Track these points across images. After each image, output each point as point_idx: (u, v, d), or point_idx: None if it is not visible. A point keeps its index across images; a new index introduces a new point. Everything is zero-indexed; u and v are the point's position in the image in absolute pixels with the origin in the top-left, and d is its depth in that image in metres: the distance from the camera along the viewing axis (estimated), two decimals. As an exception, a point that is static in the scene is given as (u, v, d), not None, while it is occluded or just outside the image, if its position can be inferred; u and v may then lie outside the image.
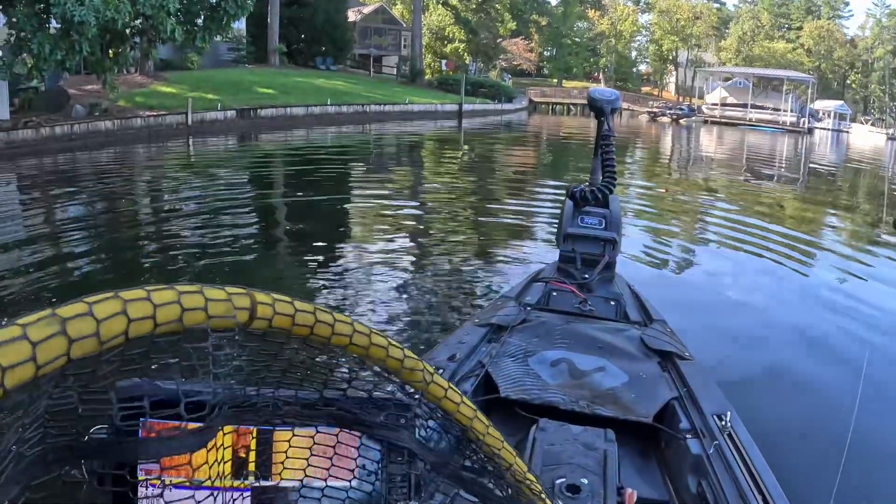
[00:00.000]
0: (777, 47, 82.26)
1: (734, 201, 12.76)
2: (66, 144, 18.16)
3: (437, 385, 0.73)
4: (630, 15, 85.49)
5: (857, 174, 22.81)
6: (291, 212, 10.19)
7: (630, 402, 2.03)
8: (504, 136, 29.89)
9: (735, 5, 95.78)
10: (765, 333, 5.21)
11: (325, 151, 19.75)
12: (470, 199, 11.39)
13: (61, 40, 14.71)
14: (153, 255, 7.44)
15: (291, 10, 42.27)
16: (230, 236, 8.29)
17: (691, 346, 2.70)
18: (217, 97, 26.05)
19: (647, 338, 2.53)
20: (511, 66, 77.95)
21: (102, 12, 14.05)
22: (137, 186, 13.12)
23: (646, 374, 2.23)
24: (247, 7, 18.24)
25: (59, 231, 8.63)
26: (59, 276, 6.61)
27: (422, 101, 39.14)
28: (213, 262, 7.04)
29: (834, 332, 5.29)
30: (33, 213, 10.08)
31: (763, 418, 3.45)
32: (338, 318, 0.63)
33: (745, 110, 56.29)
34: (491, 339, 2.47)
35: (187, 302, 0.52)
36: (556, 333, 2.48)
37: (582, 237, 3.49)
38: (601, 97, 3.71)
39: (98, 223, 9.47)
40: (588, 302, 2.88)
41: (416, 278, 6.13)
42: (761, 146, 33.41)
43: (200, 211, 9.69)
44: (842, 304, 6.13)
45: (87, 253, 7.56)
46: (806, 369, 4.59)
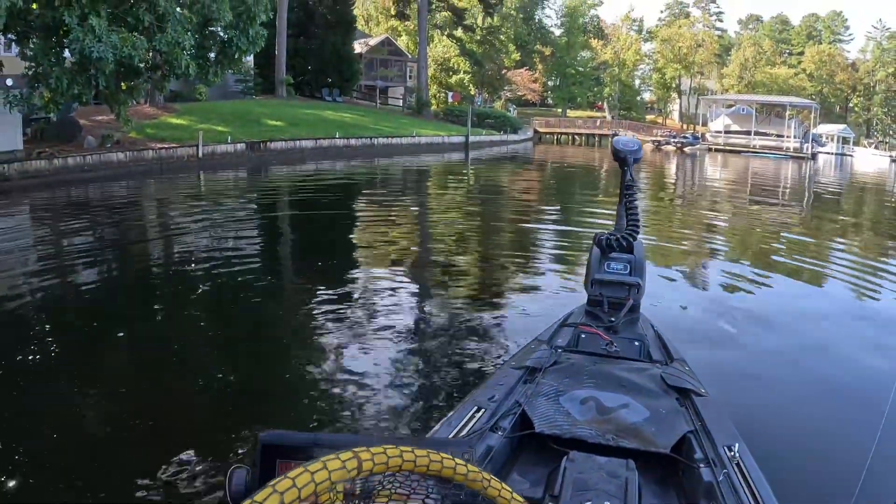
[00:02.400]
0: (779, 73, 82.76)
1: (744, 233, 12.87)
2: (78, 175, 18.43)
3: (493, 486, 1.05)
4: (633, 44, 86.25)
5: (865, 197, 22.93)
6: (310, 250, 10.29)
7: (650, 435, 2.21)
8: (513, 169, 30.00)
9: (736, 32, 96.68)
10: (781, 367, 5.28)
11: (337, 184, 19.90)
12: (484, 236, 11.51)
13: (78, 75, 15.05)
14: (164, 286, 7.56)
15: (298, 42, 42.91)
16: (242, 268, 8.44)
17: (707, 381, 2.87)
18: (226, 129, 26.37)
19: (666, 376, 2.71)
20: (515, 97, 78.52)
21: (120, 48, 14.39)
22: (151, 218, 13.30)
23: (665, 409, 2.40)
24: (258, 43, 18.55)
25: (71, 260, 8.80)
26: (74, 300, 6.77)
27: (429, 133, 39.32)
28: (224, 291, 7.17)
29: (853, 366, 5.34)
30: (49, 243, 10.23)
31: (776, 449, 3.57)
32: (432, 458, 0.98)
33: (749, 137, 56.52)
34: (526, 380, 2.68)
35: (379, 460, 0.90)
36: (584, 374, 2.68)
37: (608, 282, 3.71)
38: (624, 147, 3.95)
39: (114, 253, 9.65)
40: (614, 343, 3.07)
41: (451, 321, 6.20)
42: (766, 174, 33.54)
43: (212, 246, 9.81)
44: (862, 335, 6.18)
45: (103, 281, 7.72)
46: (823, 402, 4.66)
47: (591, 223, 12.72)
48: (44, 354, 5.07)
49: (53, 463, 3.55)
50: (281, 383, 4.70)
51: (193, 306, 6.73)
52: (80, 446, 3.77)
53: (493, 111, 56.74)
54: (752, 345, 5.70)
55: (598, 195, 18.91)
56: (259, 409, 4.32)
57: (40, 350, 5.14)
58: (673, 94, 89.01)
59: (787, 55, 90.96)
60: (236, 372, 4.85)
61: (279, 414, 4.27)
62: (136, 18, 15.33)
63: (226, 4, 16.49)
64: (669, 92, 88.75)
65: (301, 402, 4.36)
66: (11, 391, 4.33)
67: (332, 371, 4.82)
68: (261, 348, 5.46)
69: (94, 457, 3.64)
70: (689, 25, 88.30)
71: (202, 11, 16.52)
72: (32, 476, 3.39)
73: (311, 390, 4.52)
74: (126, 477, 3.38)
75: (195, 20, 16.69)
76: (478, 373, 4.68)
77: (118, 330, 5.73)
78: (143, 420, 4.00)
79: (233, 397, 4.45)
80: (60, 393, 4.37)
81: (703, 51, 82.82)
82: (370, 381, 4.58)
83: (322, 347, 5.29)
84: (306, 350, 5.28)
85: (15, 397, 4.25)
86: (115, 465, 3.56)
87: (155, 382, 4.59)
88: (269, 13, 18.72)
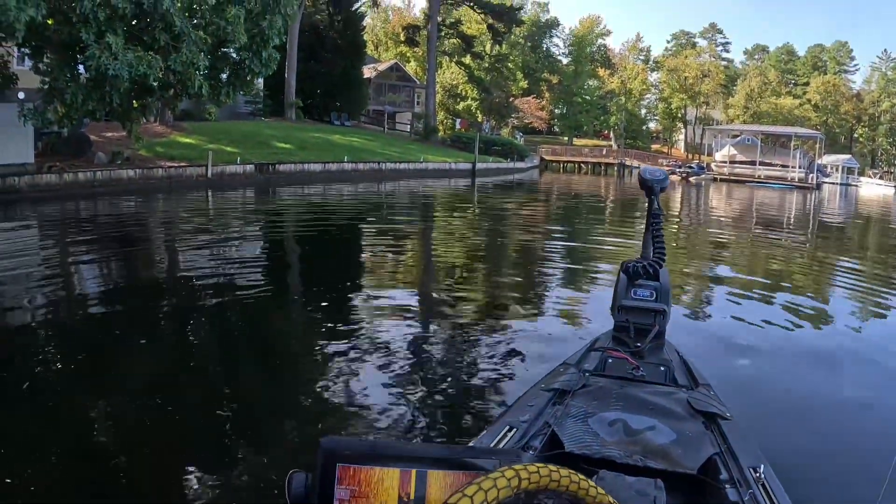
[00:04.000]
0: (784, 103, 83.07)
1: (758, 262, 12.91)
2: (88, 190, 18.61)
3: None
4: (639, 73, 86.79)
5: (871, 229, 22.96)
6: (317, 271, 10.31)
7: (677, 456, 2.25)
8: (521, 196, 30.05)
9: (742, 62, 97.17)
10: (807, 393, 5.28)
11: (345, 207, 19.97)
12: (494, 262, 11.55)
13: (93, 91, 15.25)
14: (170, 302, 7.59)
15: (308, 66, 43.30)
16: (250, 286, 8.48)
17: (732, 406, 2.91)
18: (235, 150, 26.58)
19: (692, 400, 2.75)
20: (522, 124, 78.92)
21: (135, 67, 14.59)
22: (159, 236, 13.38)
23: (691, 432, 2.45)
24: (270, 65, 18.73)
25: (78, 275, 8.85)
26: (80, 315, 6.81)
27: (436, 159, 39.45)
28: (230, 308, 7.20)
29: (879, 395, 5.33)
30: (56, 257, 10.28)
31: (802, 472, 3.60)
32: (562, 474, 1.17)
33: (754, 167, 56.66)
34: (556, 402, 2.74)
35: (534, 479, 1.07)
36: (612, 397, 2.73)
37: (635, 309, 3.79)
38: (651, 177, 4.04)
39: (121, 269, 9.71)
40: (640, 368, 3.12)
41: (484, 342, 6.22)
42: (771, 204, 33.59)
43: (219, 265, 9.84)
44: (891, 365, 6.17)
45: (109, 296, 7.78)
46: (848, 428, 4.67)
47: (601, 251, 12.78)
48: (52, 368, 5.08)
49: (79, 475, 3.58)
50: (294, 399, 4.71)
51: (200, 322, 6.75)
52: (104, 456, 3.79)
53: (500, 138, 56.95)
54: (777, 370, 5.70)
55: (605, 224, 19.00)
56: (281, 422, 4.35)
57: (48, 364, 5.16)
58: (678, 124, 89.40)
59: (792, 85, 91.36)
60: (245, 388, 4.87)
61: (299, 426, 4.30)
62: (151, 38, 15.57)
63: (241, 27, 16.68)
64: (675, 121, 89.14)
65: (324, 417, 4.38)
66: (22, 405, 4.33)
67: (350, 388, 4.84)
68: (275, 364, 5.49)
69: (118, 468, 3.67)
70: (696, 55, 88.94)
71: (217, 33, 16.72)
72: (57, 487, 3.43)
73: (331, 405, 4.54)
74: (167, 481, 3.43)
75: (210, 41, 16.89)
76: (503, 393, 4.72)
77: (125, 345, 5.75)
78: (156, 434, 4.01)
79: (246, 411, 4.47)
80: (72, 407, 4.35)
81: (709, 81, 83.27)
82: (394, 399, 4.60)
83: (338, 365, 5.30)
84: (322, 368, 5.29)
85: (26, 411, 4.26)
86: (141, 472, 3.60)
87: (168, 395, 4.60)
88: (282, 36, 18.92)
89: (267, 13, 17.61)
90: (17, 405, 4.32)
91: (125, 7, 14.71)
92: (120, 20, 14.97)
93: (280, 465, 3.59)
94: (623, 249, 12.80)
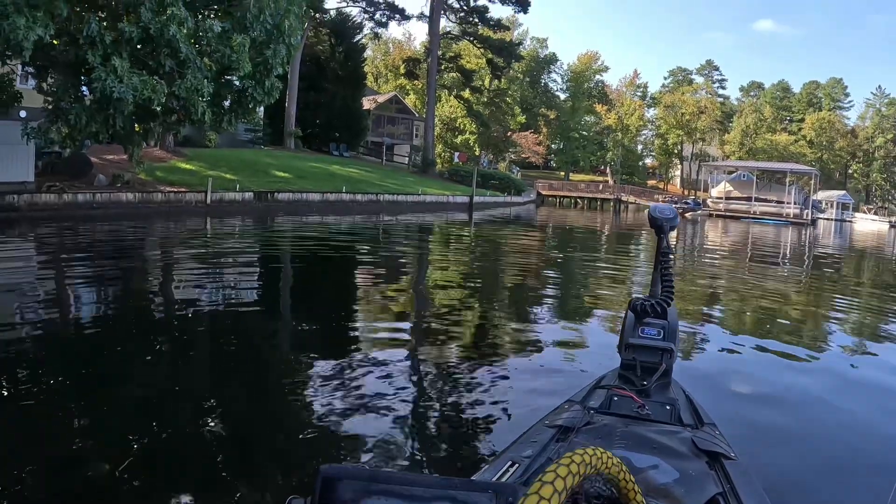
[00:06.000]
0: (779, 139, 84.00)
1: (754, 298, 12.93)
2: (87, 212, 18.66)
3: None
4: (636, 109, 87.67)
5: (867, 264, 23.06)
6: (312, 300, 10.28)
7: (680, 496, 2.25)
8: (517, 230, 30.07)
9: (738, 99, 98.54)
10: (812, 434, 5.26)
11: (342, 238, 19.95)
12: (491, 296, 11.55)
13: (97, 113, 15.38)
14: (164, 327, 7.52)
15: (309, 96, 43.73)
16: (244, 313, 8.45)
17: (737, 445, 2.92)
18: (235, 177, 26.73)
19: (697, 440, 2.75)
20: (520, 159, 79.46)
21: (140, 91, 14.74)
22: (156, 260, 13.37)
23: (694, 471, 2.44)
24: (273, 94, 18.91)
25: (73, 297, 8.78)
26: (67, 337, 6.79)
27: (434, 191, 39.61)
28: (224, 334, 7.17)
29: (885, 435, 5.31)
30: (52, 277, 10.25)
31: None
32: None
33: (750, 203, 57.06)
34: (559, 438, 2.72)
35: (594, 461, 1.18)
36: (616, 435, 2.72)
37: (642, 347, 3.78)
38: (661, 215, 4.02)
39: (116, 291, 9.70)
40: (646, 406, 3.10)
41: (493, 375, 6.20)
42: (767, 240, 33.74)
43: (214, 291, 9.80)
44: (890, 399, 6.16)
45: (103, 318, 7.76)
46: (849, 468, 4.66)
47: (599, 286, 12.79)
48: (38, 388, 4.97)
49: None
50: (287, 426, 4.65)
51: (193, 345, 6.68)
52: (91, 479, 3.74)
53: (498, 172, 57.27)
54: (784, 410, 5.68)
55: (602, 258, 19.05)
56: (273, 449, 4.32)
57: (34, 383, 5.07)
58: (675, 160, 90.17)
59: (787, 122, 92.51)
60: (237, 413, 4.83)
61: (291, 452, 4.26)
62: (157, 63, 15.74)
63: (245, 55, 16.85)
64: (671, 157, 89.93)
65: (317, 444, 4.35)
66: (10, 428, 4.29)
67: (345, 418, 4.77)
68: (267, 389, 5.43)
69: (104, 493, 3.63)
70: (692, 92, 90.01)
71: (222, 60, 16.90)
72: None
73: (325, 434, 4.50)
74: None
75: (214, 68, 17.07)
76: (504, 428, 4.65)
77: (115, 366, 5.70)
78: (145, 457, 3.96)
79: (237, 436, 4.44)
80: (59, 427, 4.26)
81: (706, 117, 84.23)
82: (390, 430, 4.57)
83: (333, 394, 5.24)
84: (316, 395, 5.23)
85: (8, 429, 4.22)
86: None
87: (158, 417, 4.55)
88: (285, 66, 19.12)
89: (271, 42, 17.81)
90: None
91: (132, 31, 14.90)
92: (126, 44, 15.15)
93: (271, 491, 3.58)
94: (620, 285, 12.82)
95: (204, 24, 16.84)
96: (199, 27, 16.61)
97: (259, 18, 16.92)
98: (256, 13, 16.80)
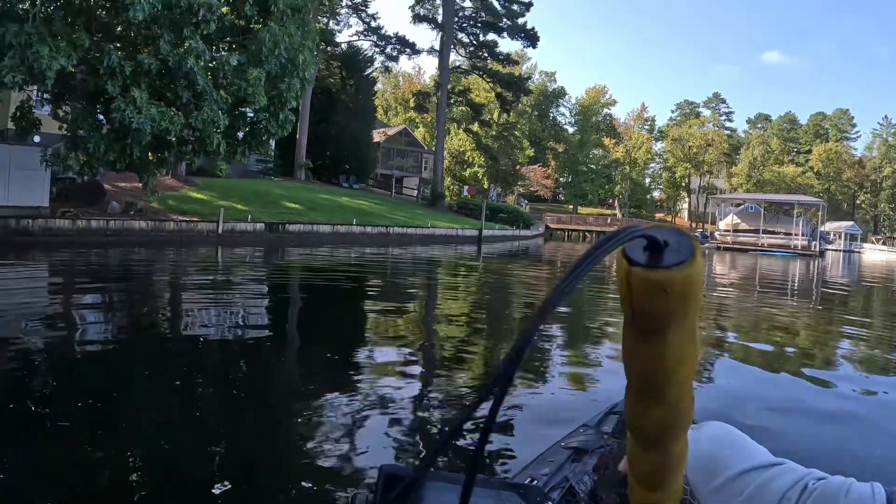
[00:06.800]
0: (787, 171, 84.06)
1: (762, 328, 12.97)
2: (100, 239, 18.86)
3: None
4: (644, 143, 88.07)
5: (876, 295, 22.99)
6: (321, 330, 10.37)
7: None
8: (526, 264, 30.13)
9: (745, 131, 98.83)
10: (814, 457, 5.26)
11: (352, 270, 19.98)
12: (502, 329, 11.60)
13: (115, 142, 15.67)
14: (173, 353, 7.56)
15: (319, 128, 44.15)
16: (253, 341, 8.54)
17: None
18: (246, 208, 26.97)
19: None
20: (528, 192, 79.69)
21: (158, 121, 15.03)
22: (167, 288, 13.50)
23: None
24: (286, 127, 19.16)
25: (84, 322, 8.90)
26: (77, 362, 6.87)
27: (443, 225, 39.64)
28: (234, 362, 7.25)
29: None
30: (64, 302, 10.35)
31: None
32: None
33: (758, 235, 57.08)
34: (574, 459, 2.85)
35: None
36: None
37: None
38: None
39: (127, 317, 9.81)
40: None
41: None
42: (775, 272, 33.68)
43: (224, 319, 9.86)
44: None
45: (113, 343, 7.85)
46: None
47: (608, 317, 12.86)
48: (44, 412, 4.93)
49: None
50: (297, 456, 4.66)
51: (201, 372, 6.68)
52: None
53: (507, 206, 57.46)
54: (791, 432, 5.70)
55: (611, 291, 19.11)
56: (281, 479, 4.35)
57: (41, 407, 5.06)
58: (682, 193, 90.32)
59: (794, 153, 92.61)
60: (245, 441, 4.85)
61: (301, 482, 4.30)
62: (174, 94, 16.06)
63: (261, 89, 17.15)
64: (679, 190, 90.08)
65: (329, 472, 4.37)
66: (13, 446, 4.28)
67: (355, 445, 4.77)
68: (276, 418, 5.43)
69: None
70: (700, 125, 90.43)
71: (238, 93, 17.20)
72: None
73: (335, 461, 4.51)
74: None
75: (229, 101, 17.35)
76: (519, 451, 4.67)
77: (124, 392, 5.73)
78: (152, 485, 3.99)
79: (243, 464, 4.46)
80: (66, 451, 4.23)
81: (713, 150, 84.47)
82: (404, 456, 4.61)
83: (342, 420, 5.24)
84: (324, 423, 5.23)
85: (18, 452, 4.22)
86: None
87: (166, 444, 4.56)
88: (298, 99, 19.39)
89: (285, 76, 18.11)
90: (9, 446, 4.28)
91: (151, 63, 15.24)
92: (145, 75, 15.49)
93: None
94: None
95: (220, 58, 17.17)
96: (215, 60, 16.93)
97: (274, 52, 17.20)
98: (272, 47, 17.10)
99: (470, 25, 54.40)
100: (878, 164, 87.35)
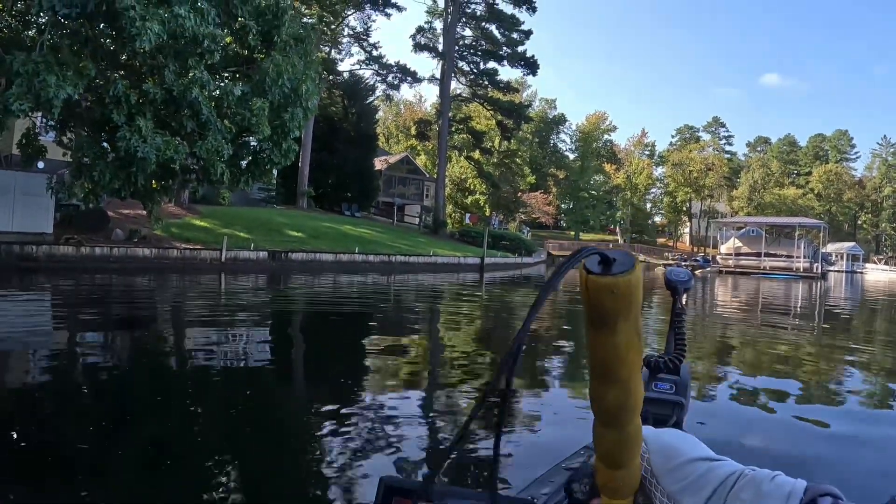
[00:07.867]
0: (787, 194, 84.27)
1: (763, 352, 12.98)
2: (103, 265, 19.05)
3: None
4: (645, 168, 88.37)
5: (880, 315, 22.95)
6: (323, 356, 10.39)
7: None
8: (529, 291, 30.10)
9: (745, 154, 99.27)
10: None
11: (355, 298, 20.00)
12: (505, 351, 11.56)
13: (120, 171, 15.81)
14: (175, 381, 7.58)
15: (321, 156, 44.43)
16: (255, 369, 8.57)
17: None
18: (249, 236, 27.10)
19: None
20: (530, 219, 79.83)
21: (163, 151, 15.17)
22: (172, 315, 13.54)
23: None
24: (289, 156, 19.28)
25: (87, 349, 8.95)
26: (78, 387, 6.88)
27: (445, 252, 39.59)
28: (235, 390, 7.24)
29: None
30: (67, 329, 10.35)
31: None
32: None
33: (759, 258, 57.10)
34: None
35: None
36: None
37: (654, 400, 3.95)
38: (675, 279, 4.23)
39: (130, 345, 9.85)
40: None
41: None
42: (777, 295, 33.62)
43: (226, 347, 9.88)
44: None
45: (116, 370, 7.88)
46: None
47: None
48: (45, 439, 4.97)
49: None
50: (298, 483, 4.70)
51: (203, 398, 6.72)
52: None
53: (508, 233, 57.49)
54: (792, 457, 5.71)
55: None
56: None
57: (41, 434, 5.08)
58: (684, 217, 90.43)
59: (795, 175, 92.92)
60: (245, 469, 4.85)
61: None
62: (179, 123, 16.22)
63: (265, 119, 17.31)
64: (680, 215, 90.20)
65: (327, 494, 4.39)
66: (12, 472, 4.26)
67: (354, 470, 4.78)
68: (278, 448, 5.41)
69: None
70: (700, 149, 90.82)
71: (242, 123, 17.36)
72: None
73: (336, 487, 4.55)
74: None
75: (233, 130, 17.51)
76: (520, 472, 4.68)
77: (126, 417, 5.73)
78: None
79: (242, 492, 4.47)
80: (66, 479, 4.29)
81: (713, 174, 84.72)
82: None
83: (344, 447, 5.22)
84: (326, 449, 5.24)
85: (18, 479, 4.15)
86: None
87: (167, 472, 4.59)
88: (301, 129, 19.54)
89: (289, 106, 18.27)
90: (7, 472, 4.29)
91: (156, 92, 15.43)
92: (150, 104, 15.68)
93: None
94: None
95: (224, 87, 17.36)
96: (219, 90, 17.11)
97: (277, 82, 17.39)
98: (275, 77, 17.29)
99: (470, 54, 54.89)
100: (878, 183, 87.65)
